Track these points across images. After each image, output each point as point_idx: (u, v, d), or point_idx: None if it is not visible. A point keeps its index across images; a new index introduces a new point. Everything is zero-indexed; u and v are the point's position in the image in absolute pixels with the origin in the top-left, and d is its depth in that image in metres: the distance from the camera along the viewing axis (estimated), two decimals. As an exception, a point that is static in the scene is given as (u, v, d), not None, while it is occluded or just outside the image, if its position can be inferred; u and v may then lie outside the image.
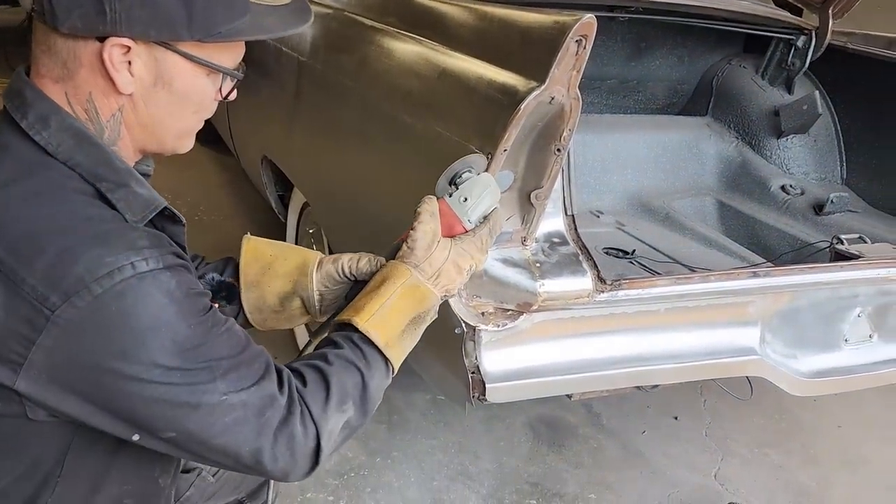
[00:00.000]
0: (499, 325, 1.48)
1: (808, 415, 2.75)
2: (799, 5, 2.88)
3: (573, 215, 1.54)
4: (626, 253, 2.31)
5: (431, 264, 1.11)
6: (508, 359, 1.49)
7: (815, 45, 2.74)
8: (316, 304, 1.22)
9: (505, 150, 1.29)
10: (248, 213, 3.82)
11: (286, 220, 2.89)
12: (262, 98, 2.56)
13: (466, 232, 1.16)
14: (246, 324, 1.25)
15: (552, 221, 1.50)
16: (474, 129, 1.34)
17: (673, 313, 1.60)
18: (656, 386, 1.83)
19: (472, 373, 1.48)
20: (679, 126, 2.98)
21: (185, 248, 1.03)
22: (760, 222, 2.69)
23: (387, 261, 1.15)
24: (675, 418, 2.67)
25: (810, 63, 2.79)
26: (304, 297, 1.22)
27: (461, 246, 1.14)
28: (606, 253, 2.24)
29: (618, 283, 1.50)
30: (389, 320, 1.07)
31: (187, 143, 1.06)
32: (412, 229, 1.12)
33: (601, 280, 1.49)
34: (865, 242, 1.90)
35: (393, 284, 1.08)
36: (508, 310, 1.49)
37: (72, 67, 0.92)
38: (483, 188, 1.19)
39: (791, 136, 2.82)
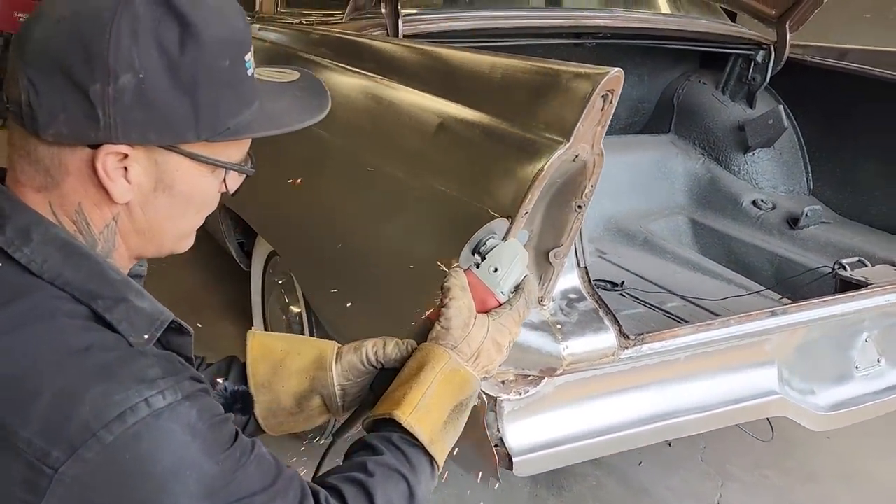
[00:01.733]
0: (520, 393, 1.38)
1: (798, 429, 2.73)
2: (741, 12, 2.89)
3: (586, 267, 1.46)
4: (616, 285, 2.24)
5: (470, 344, 1.00)
6: (533, 428, 1.40)
7: (774, 59, 2.75)
8: (338, 400, 1.09)
9: (526, 213, 1.19)
10: (203, 259, 3.63)
11: (249, 269, 2.73)
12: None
13: (501, 305, 1.06)
14: (256, 430, 1.11)
15: (567, 277, 1.41)
16: (490, 190, 1.23)
17: (693, 360, 1.53)
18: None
19: (496, 446, 1.38)
20: (645, 145, 2.96)
21: (191, 360, 0.90)
22: (736, 239, 2.67)
23: (417, 342, 1.04)
24: (669, 444, 2.61)
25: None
26: (324, 394, 1.09)
27: (499, 321, 1.04)
28: (594, 286, 2.17)
29: (641, 337, 1.42)
30: (432, 412, 0.96)
31: (187, 243, 0.94)
32: (444, 307, 1.01)
33: (624, 336, 1.41)
34: (865, 265, 1.87)
35: (432, 370, 0.97)
36: (529, 376, 1.39)
37: (57, 176, 0.79)
38: (512, 255, 1.09)
39: (757, 150, 2.82)
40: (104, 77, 0.74)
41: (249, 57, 0.84)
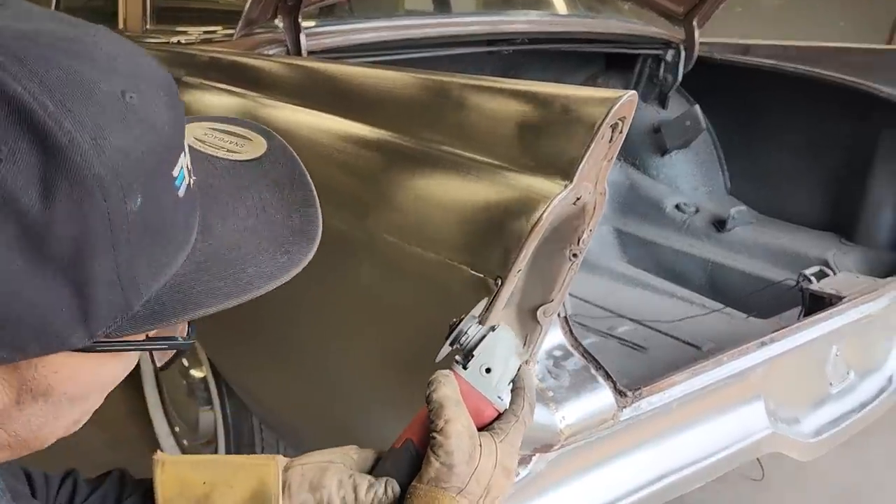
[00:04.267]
0: (511, 477, 1.15)
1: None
2: (647, 10, 2.80)
3: (567, 317, 1.25)
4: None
5: (479, 481, 0.75)
6: (530, 516, 1.18)
7: (685, 58, 2.67)
8: None
9: (519, 272, 0.97)
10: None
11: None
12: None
13: (500, 415, 0.83)
14: None
15: (550, 333, 1.20)
16: (468, 245, 1.00)
17: (685, 406, 1.36)
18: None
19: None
20: (559, 154, 2.80)
21: None
22: (664, 247, 2.57)
23: (398, 479, 0.77)
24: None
25: (675, 75, 2.73)
26: None
27: (508, 441, 0.80)
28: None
29: (638, 392, 1.23)
30: None
31: (81, 424, 0.62)
32: (438, 433, 0.75)
33: (620, 393, 1.21)
34: (827, 275, 1.78)
35: None
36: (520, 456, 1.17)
37: None
38: (507, 349, 0.87)
39: (674, 152, 2.74)
40: None
41: (181, 165, 0.51)
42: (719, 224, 2.53)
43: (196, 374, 2.08)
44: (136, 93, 0.47)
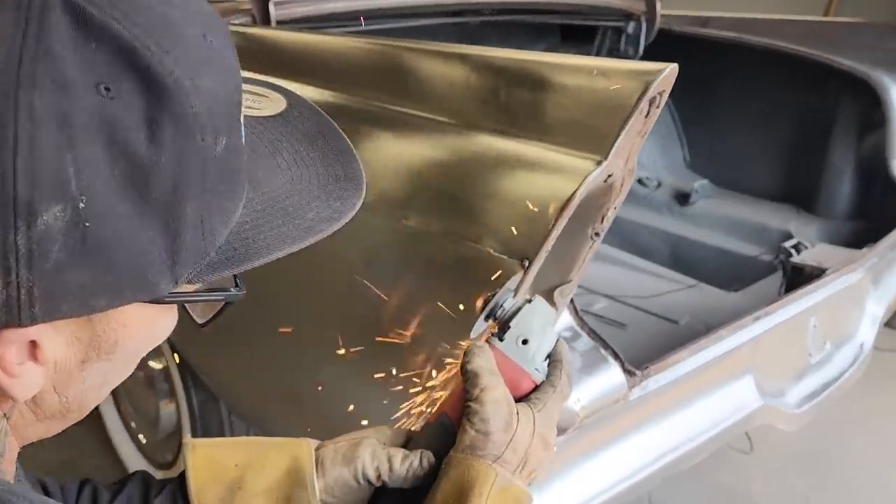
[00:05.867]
0: (524, 464, 1.12)
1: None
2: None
3: (572, 297, 1.22)
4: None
5: (516, 450, 0.73)
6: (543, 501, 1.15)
7: (646, 30, 2.66)
8: None
9: (547, 252, 0.92)
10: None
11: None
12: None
13: (538, 386, 0.80)
14: None
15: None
16: (490, 225, 0.95)
17: (685, 383, 1.35)
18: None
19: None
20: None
21: None
22: (627, 221, 2.57)
23: (432, 450, 0.75)
24: None
25: (632, 48, 2.72)
26: None
27: (546, 412, 0.77)
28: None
29: (646, 371, 1.21)
30: None
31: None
32: (474, 401, 0.73)
33: (629, 372, 1.19)
34: (806, 247, 1.80)
35: (479, 497, 0.70)
36: (532, 440, 1.14)
37: None
38: (544, 321, 0.83)
39: (634, 125, 2.74)
40: (6, 219, 0.39)
41: (242, 112, 0.51)
42: (682, 198, 2.55)
43: (155, 364, 1.97)
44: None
